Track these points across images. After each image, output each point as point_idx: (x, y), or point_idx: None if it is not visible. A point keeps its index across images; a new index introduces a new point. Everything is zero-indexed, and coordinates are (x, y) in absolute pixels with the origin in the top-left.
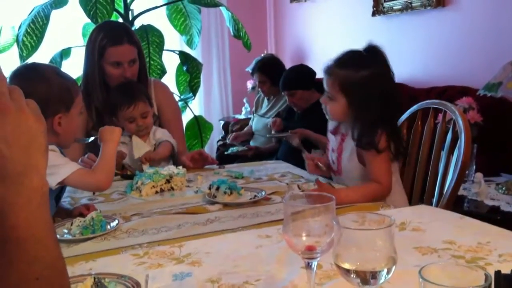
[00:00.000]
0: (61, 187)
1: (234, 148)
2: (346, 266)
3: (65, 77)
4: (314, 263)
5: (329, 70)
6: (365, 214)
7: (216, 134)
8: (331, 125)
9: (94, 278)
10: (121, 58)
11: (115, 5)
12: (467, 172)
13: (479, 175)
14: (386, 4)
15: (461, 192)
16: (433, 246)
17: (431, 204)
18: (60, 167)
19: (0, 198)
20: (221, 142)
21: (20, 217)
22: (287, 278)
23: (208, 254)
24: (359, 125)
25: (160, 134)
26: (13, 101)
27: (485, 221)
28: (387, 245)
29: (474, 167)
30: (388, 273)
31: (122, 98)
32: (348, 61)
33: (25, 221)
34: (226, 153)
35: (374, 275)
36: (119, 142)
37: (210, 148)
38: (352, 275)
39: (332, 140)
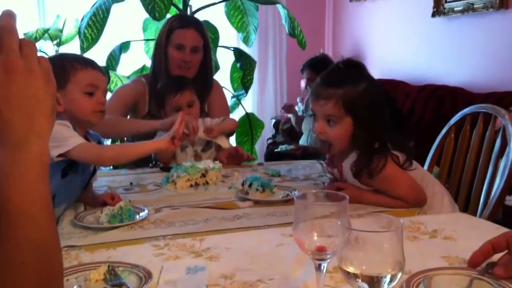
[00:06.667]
0: (94, 170)
1: (283, 146)
2: (351, 269)
3: (66, 57)
4: (324, 265)
5: (324, 94)
6: (377, 215)
7: (268, 132)
8: None
9: (109, 266)
10: (185, 41)
11: (174, 0)
12: None
13: None
14: (447, 5)
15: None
16: (462, 256)
17: (476, 213)
18: (66, 140)
19: None
20: (271, 140)
21: (15, 190)
22: (301, 279)
23: (227, 250)
24: (364, 146)
25: (209, 121)
26: (24, 59)
27: None
28: (395, 249)
29: None
30: (392, 279)
31: (169, 87)
32: (340, 78)
33: (19, 194)
34: (275, 151)
35: (379, 280)
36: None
37: (261, 146)
38: (356, 279)
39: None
